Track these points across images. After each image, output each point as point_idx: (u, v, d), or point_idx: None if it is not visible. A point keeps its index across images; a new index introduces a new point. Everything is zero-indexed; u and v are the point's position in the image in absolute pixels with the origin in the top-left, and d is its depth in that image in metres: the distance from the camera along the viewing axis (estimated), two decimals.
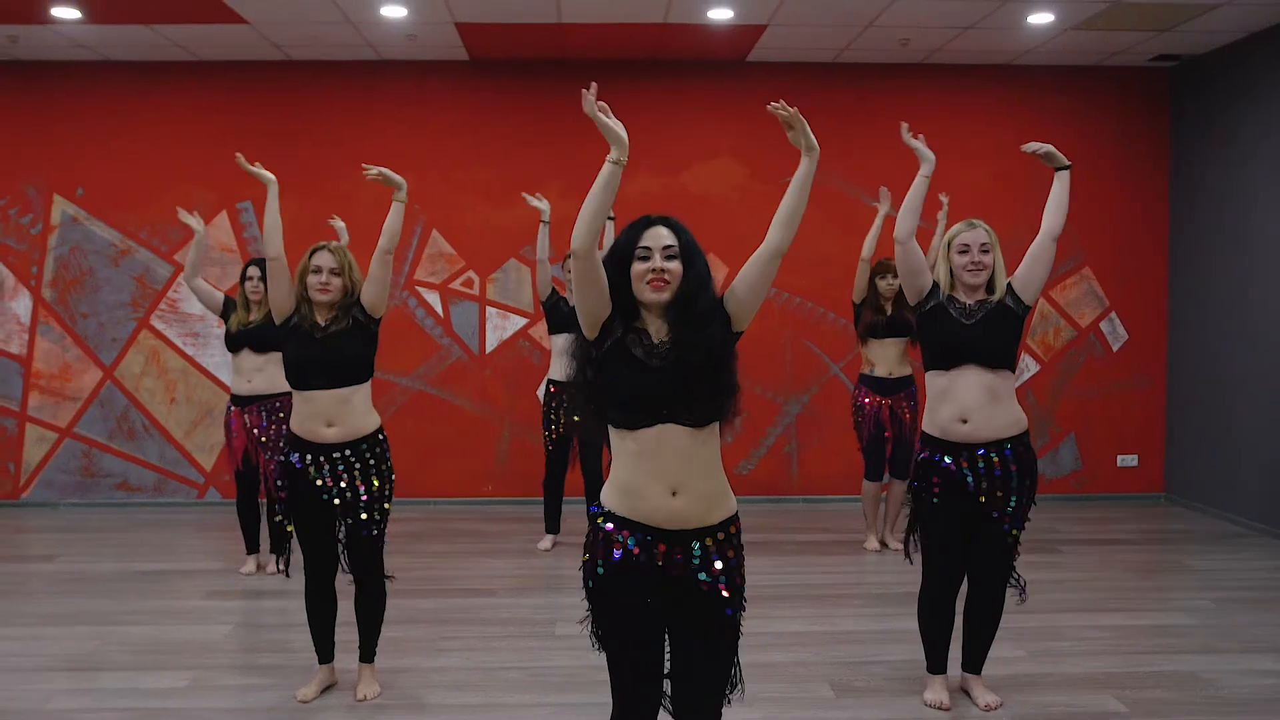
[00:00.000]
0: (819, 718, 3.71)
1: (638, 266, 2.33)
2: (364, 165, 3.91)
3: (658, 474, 2.31)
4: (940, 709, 3.73)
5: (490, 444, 7.49)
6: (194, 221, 5.45)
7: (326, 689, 3.91)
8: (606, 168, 2.30)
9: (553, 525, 6.17)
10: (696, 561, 2.34)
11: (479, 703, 3.83)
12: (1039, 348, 7.59)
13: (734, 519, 2.42)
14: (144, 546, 6.29)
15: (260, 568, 5.61)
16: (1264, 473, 6.54)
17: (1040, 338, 7.59)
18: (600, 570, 2.37)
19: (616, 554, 2.34)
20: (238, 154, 3.99)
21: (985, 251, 3.56)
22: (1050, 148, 3.68)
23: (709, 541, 2.35)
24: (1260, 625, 4.70)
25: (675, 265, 2.33)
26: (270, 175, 3.90)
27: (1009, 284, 3.63)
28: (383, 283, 3.73)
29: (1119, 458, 7.67)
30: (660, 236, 2.35)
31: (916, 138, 3.72)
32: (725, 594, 2.36)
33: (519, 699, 3.85)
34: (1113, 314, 7.61)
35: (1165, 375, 7.66)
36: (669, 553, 2.33)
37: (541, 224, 5.82)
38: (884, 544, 6.11)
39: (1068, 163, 3.70)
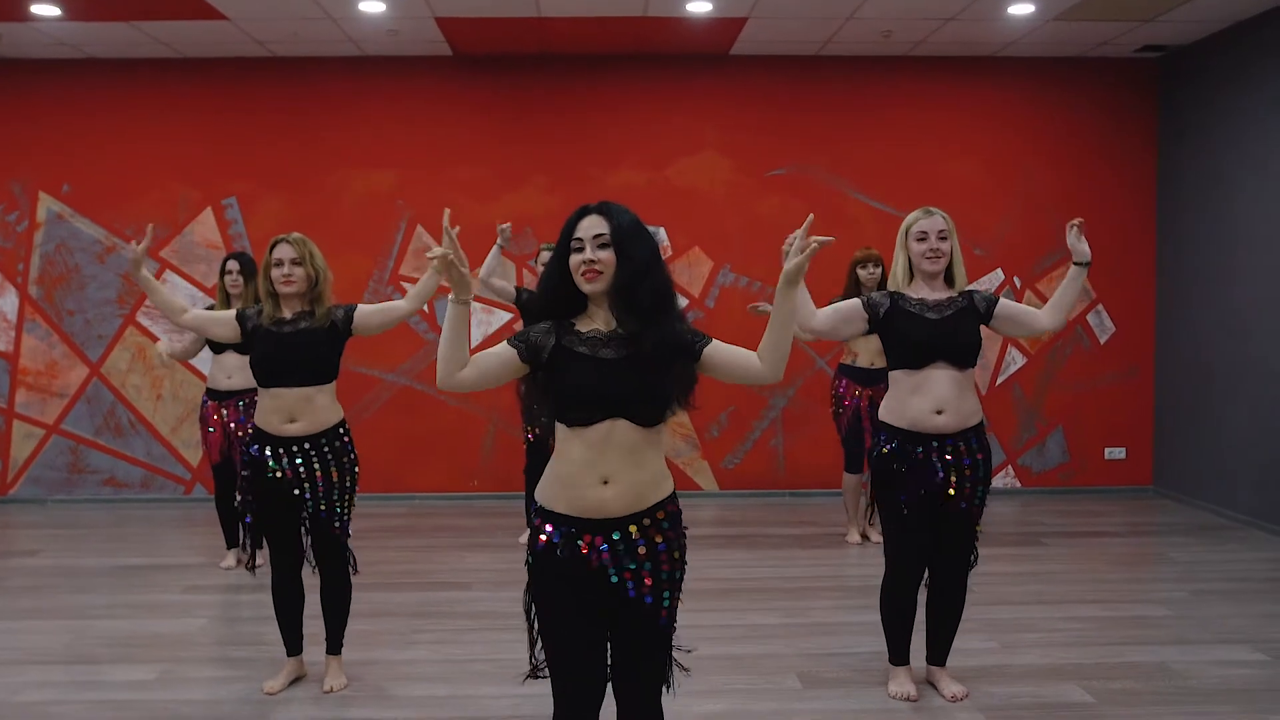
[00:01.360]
0: (785, 709, 3.70)
1: (573, 259, 2.32)
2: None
3: (593, 465, 2.30)
4: (907, 700, 3.72)
5: (475, 439, 7.50)
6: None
7: (295, 681, 3.93)
8: (450, 308, 2.28)
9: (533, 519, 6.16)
10: (621, 550, 2.33)
11: (445, 694, 3.83)
12: (1025, 340, 7.57)
13: (664, 503, 2.38)
14: (129, 542, 6.31)
15: (240, 562, 5.63)
16: (1252, 465, 6.51)
17: None
18: (529, 560, 2.40)
19: (540, 544, 2.36)
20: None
21: (943, 239, 3.54)
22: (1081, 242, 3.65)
23: (632, 529, 2.33)
24: (1235, 616, 4.68)
25: (607, 254, 2.30)
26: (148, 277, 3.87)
27: (997, 300, 3.60)
28: (385, 324, 3.81)
29: (1107, 450, 7.64)
30: (592, 226, 2.32)
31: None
32: (648, 582, 2.34)
33: (485, 690, 3.86)
34: (1099, 306, 7.58)
35: (1153, 367, 7.63)
36: (593, 542, 2.33)
37: (495, 245, 5.51)
38: (865, 536, 6.10)
39: (1087, 258, 3.64)
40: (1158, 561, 5.85)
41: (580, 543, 2.33)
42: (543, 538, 2.36)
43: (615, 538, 2.33)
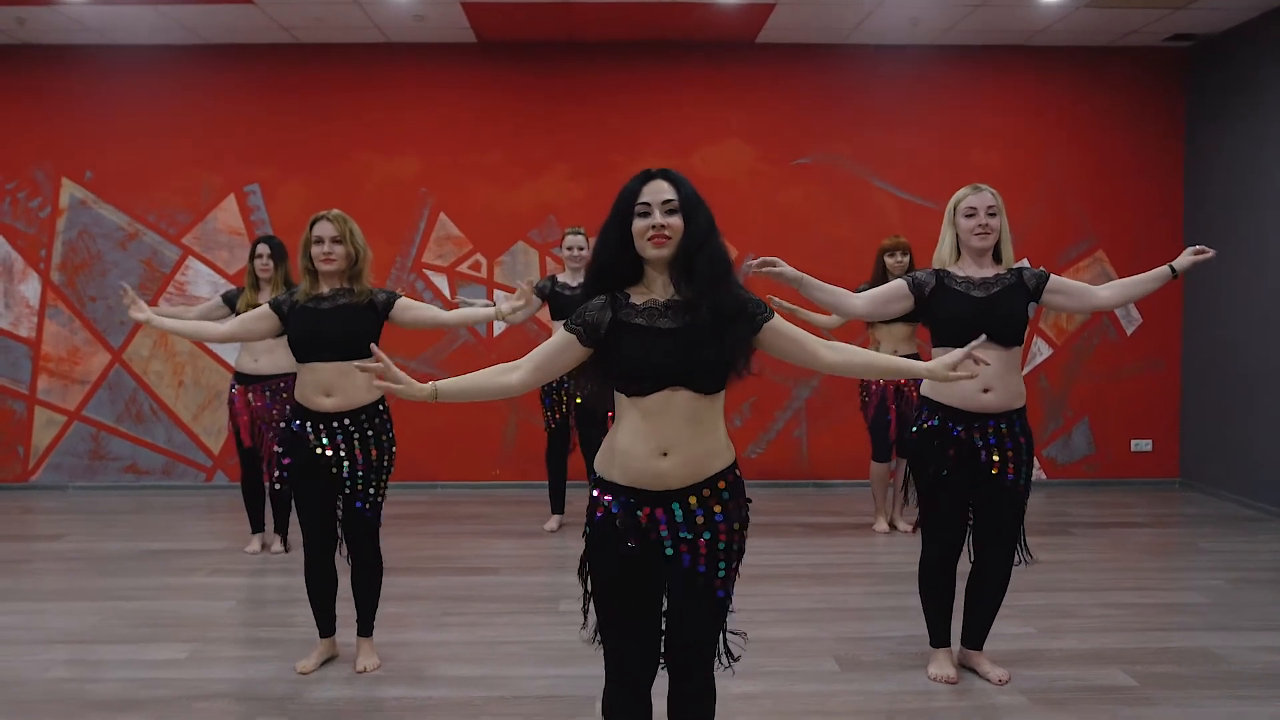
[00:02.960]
0: (823, 691, 3.66)
1: (638, 223, 2.28)
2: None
3: (652, 435, 2.26)
4: (947, 683, 3.67)
5: (497, 428, 7.47)
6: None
7: (326, 661, 3.89)
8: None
9: (558, 505, 6.14)
10: (680, 520, 2.29)
11: (478, 675, 3.79)
12: (1051, 331, 7.51)
13: (724, 473, 2.34)
14: (151, 527, 6.28)
15: (265, 547, 5.59)
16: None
17: (1053, 321, 7.51)
18: (587, 530, 2.36)
19: (599, 515, 2.33)
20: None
21: (992, 215, 3.49)
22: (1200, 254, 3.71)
23: (692, 500, 2.29)
24: (1274, 604, 4.62)
25: (675, 220, 2.26)
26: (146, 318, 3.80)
27: (1048, 276, 3.56)
28: (419, 324, 3.81)
29: (1133, 442, 7.57)
30: (660, 190, 2.28)
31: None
32: (703, 552, 2.30)
33: (518, 671, 3.82)
34: None
35: (1180, 359, 7.56)
36: (652, 514, 2.29)
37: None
38: (893, 526, 6.05)
39: (1184, 271, 3.79)
40: (1189, 551, 5.78)
41: (639, 514, 2.29)
42: (601, 509, 2.33)
43: (675, 509, 2.29)
